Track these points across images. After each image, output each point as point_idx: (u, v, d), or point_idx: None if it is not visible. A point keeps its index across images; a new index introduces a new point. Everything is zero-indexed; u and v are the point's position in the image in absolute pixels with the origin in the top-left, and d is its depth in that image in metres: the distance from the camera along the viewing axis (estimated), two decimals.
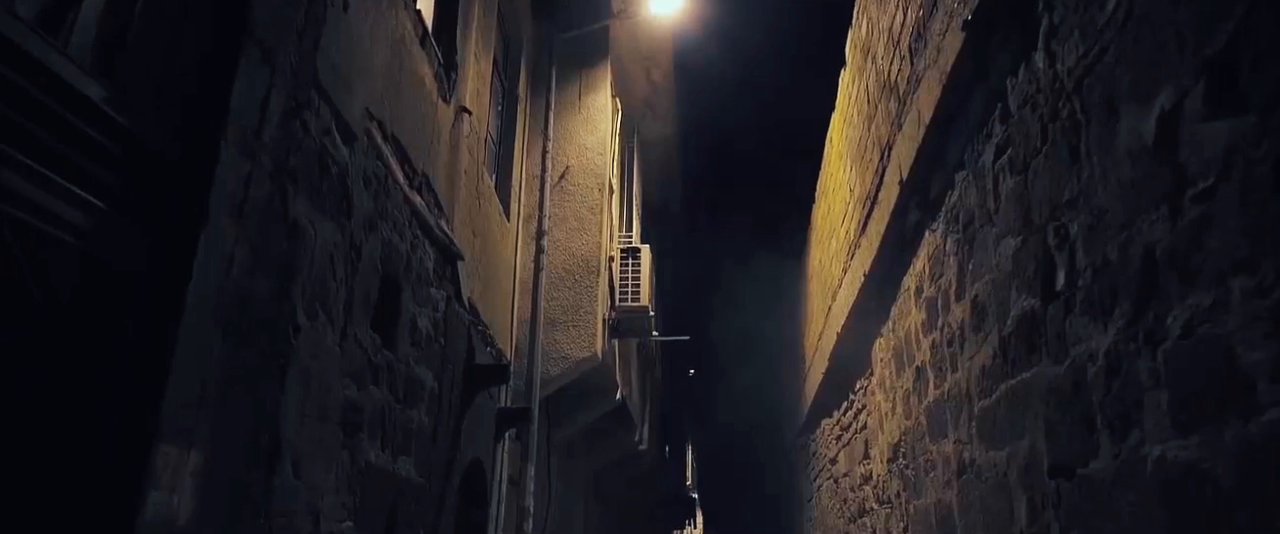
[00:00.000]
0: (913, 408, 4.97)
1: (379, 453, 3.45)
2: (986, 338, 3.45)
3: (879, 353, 6.10)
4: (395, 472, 3.67)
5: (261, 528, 2.49)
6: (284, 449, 2.62)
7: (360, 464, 3.24)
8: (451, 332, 4.59)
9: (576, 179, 7.27)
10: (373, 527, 3.39)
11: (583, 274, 7.04)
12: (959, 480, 3.93)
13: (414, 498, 3.93)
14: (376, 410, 3.42)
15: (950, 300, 4.01)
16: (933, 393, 4.41)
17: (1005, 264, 3.19)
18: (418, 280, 3.97)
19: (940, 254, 4.23)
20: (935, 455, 4.38)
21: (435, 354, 4.27)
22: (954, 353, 3.97)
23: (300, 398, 2.75)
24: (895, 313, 5.45)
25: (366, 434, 3.31)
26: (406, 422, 3.82)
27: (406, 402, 3.82)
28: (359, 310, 3.25)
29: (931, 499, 4.49)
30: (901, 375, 5.30)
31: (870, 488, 6.69)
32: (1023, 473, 3.04)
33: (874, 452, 6.48)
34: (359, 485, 3.23)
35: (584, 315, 6.93)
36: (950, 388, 4.04)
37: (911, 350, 4.95)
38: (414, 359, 3.93)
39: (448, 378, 4.52)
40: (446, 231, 4.39)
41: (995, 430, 3.36)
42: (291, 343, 2.67)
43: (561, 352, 6.85)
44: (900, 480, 5.43)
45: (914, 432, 4.95)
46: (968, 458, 3.76)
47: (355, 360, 3.21)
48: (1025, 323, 2.98)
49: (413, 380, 3.91)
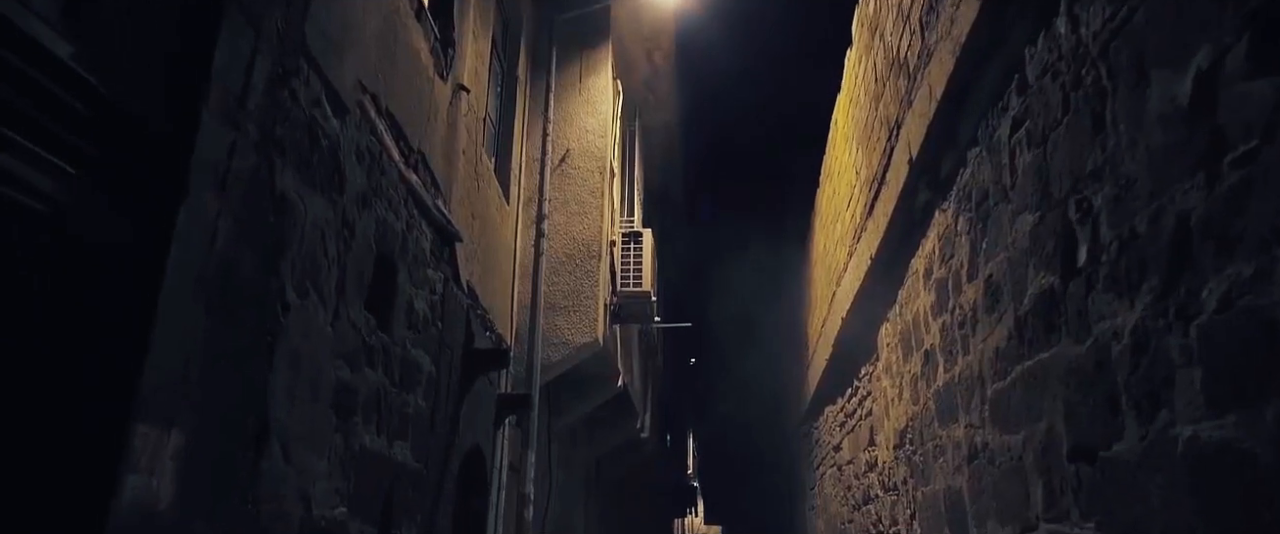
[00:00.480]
0: (921, 393, 4.86)
1: (374, 437, 3.35)
2: (1001, 318, 3.34)
3: (885, 338, 6.00)
4: (391, 457, 3.57)
5: (248, 513, 2.39)
6: (272, 431, 2.51)
7: (354, 448, 3.14)
8: (449, 315, 4.48)
9: (577, 162, 7.15)
10: (368, 513, 3.29)
11: (584, 258, 6.93)
12: (970, 466, 3.83)
13: (411, 484, 3.83)
14: (371, 393, 3.32)
15: (962, 281, 3.89)
16: (942, 377, 4.30)
17: (1022, 241, 3.07)
18: (414, 261, 3.86)
19: (951, 234, 4.11)
20: (945, 440, 4.28)
21: (432, 338, 4.17)
22: (965, 335, 3.86)
23: (290, 378, 2.64)
24: (902, 296, 5.34)
25: (361, 418, 3.21)
26: (403, 406, 3.72)
27: (403, 385, 3.72)
28: (352, 290, 3.14)
29: (941, 485, 4.39)
30: (909, 360, 5.20)
31: (875, 475, 6.60)
32: (1039, 456, 2.93)
33: (880, 438, 6.38)
34: (353, 470, 3.13)
35: (585, 300, 6.82)
36: (961, 371, 3.94)
37: (920, 334, 4.84)
38: (410, 342, 3.82)
39: (446, 362, 4.41)
40: (444, 212, 4.27)
41: (1010, 414, 3.26)
42: (280, 321, 2.56)
43: (562, 337, 6.75)
44: (907, 467, 5.33)
45: (922, 417, 4.85)
46: (980, 442, 3.66)
47: (348, 341, 3.11)
48: (1044, 301, 2.87)
49: (409, 364, 3.81)
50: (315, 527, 2.81)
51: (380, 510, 3.43)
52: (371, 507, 3.34)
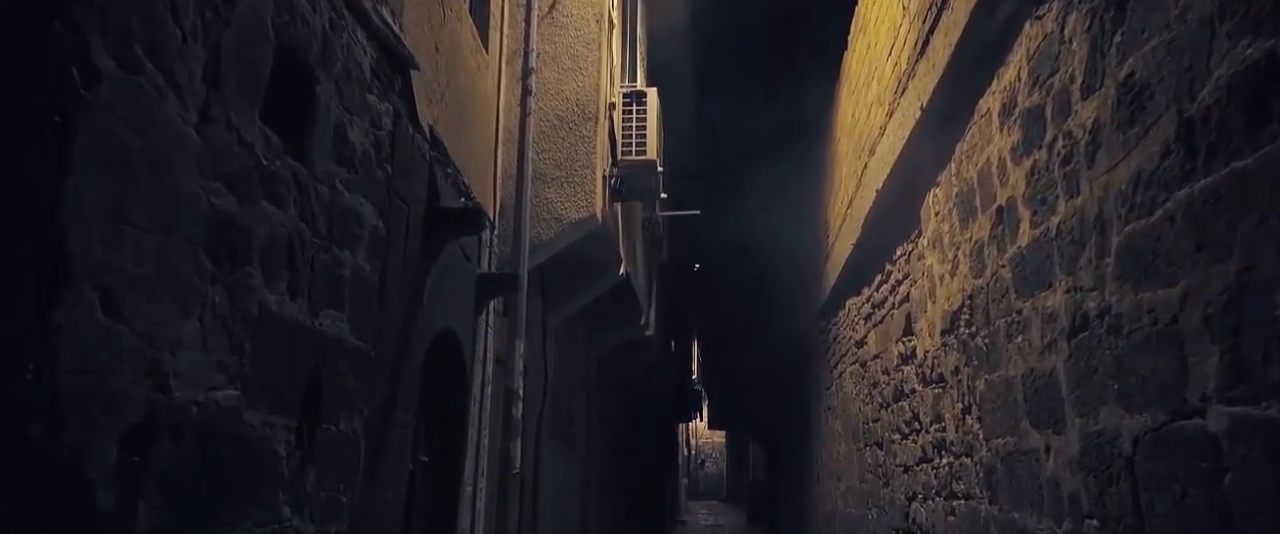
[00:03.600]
0: (988, 262, 3.97)
1: (285, 299, 2.47)
2: (1148, 132, 2.39)
3: (933, 206, 5.07)
4: (317, 329, 2.70)
5: (32, 393, 1.52)
6: (76, 268, 1.63)
7: (248, 310, 2.26)
8: (404, 160, 3.55)
9: (570, 9, 6.09)
10: (277, 399, 2.44)
11: (578, 122, 5.95)
12: (1071, 341, 2.96)
13: (351, 366, 2.99)
14: (277, 238, 2.42)
15: (1072, 100, 2.94)
16: (1028, 234, 3.39)
17: (1203, 5, 2.11)
18: (345, 77, 2.91)
19: (1051, 46, 3.14)
20: (1028, 314, 3.40)
21: (377, 184, 3.25)
22: (1073, 172, 2.93)
23: (113, 191, 1.74)
24: (962, 150, 4.39)
25: (259, 270, 2.32)
26: (335, 265, 2.84)
27: (333, 238, 2.82)
28: (234, 87, 2.20)
29: (1018, 369, 3.54)
30: (969, 226, 4.29)
31: (912, 367, 5.78)
32: (1220, 312, 2.04)
33: (920, 325, 5.53)
34: (248, 340, 2.25)
35: (580, 170, 5.88)
36: (1064, 221, 3.02)
37: (989, 189, 3.91)
38: (344, 183, 2.90)
39: (400, 219, 3.51)
40: (390, 25, 3.29)
41: (1156, 261, 2.35)
42: (81, 95, 1.63)
43: (555, 212, 5.83)
44: (961, 353, 4.49)
45: (989, 290, 3.97)
46: (1093, 308, 2.77)
47: (232, 158, 2.19)
48: (1246, 83, 1.93)
49: (343, 210, 2.90)
50: (181, 414, 1.96)
51: (302, 397, 2.58)
52: (284, 391, 2.49)
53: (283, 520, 2.45)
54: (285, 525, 2.47)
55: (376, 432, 3.30)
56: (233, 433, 2.17)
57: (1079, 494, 2.91)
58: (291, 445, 2.50)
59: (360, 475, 3.08)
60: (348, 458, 2.97)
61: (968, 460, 4.47)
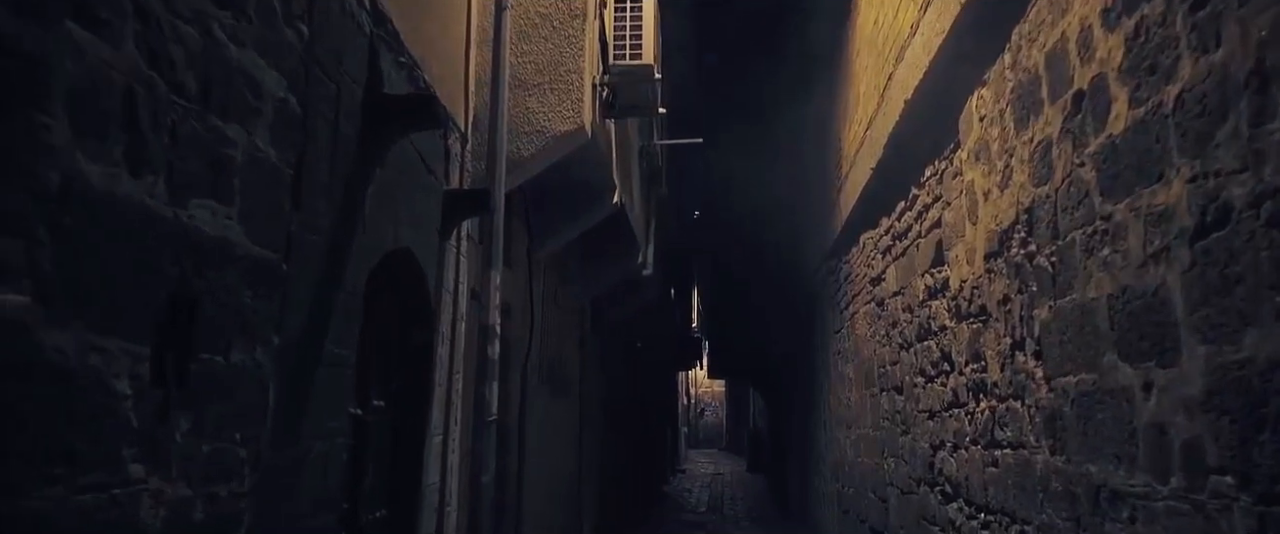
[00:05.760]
0: (1058, 163, 3.24)
1: (120, 174, 1.74)
2: None
3: (978, 110, 4.32)
4: (186, 223, 1.98)
5: None
6: None
7: (47, 181, 1.54)
8: (329, 26, 2.79)
9: None
10: (114, 315, 1.73)
11: (564, 19, 5.15)
12: (1195, 245, 2.24)
13: (247, 281, 2.27)
14: (99, 83, 1.69)
15: None
16: (1127, 117, 2.65)
17: None
18: None
19: None
20: (1122, 217, 2.68)
21: (290, 46, 2.50)
22: (1210, 16, 2.18)
23: None
24: (1022, 33, 3.63)
25: (66, 122, 1.58)
26: (213, 138, 2.10)
27: (210, 104, 2.08)
28: None
29: (1103, 290, 2.83)
30: (1029, 125, 3.55)
31: (943, 301, 5.08)
32: None
33: (954, 253, 4.82)
34: (44, 222, 1.53)
35: (566, 75, 5.10)
36: (1188, 88, 2.28)
37: (1063, 72, 3.16)
38: (227, 31, 2.15)
39: (325, 99, 2.77)
40: None
41: None
42: None
43: (537, 124, 5.07)
44: (1013, 279, 3.78)
45: (1058, 199, 3.24)
46: (1239, 197, 2.05)
47: None
48: None
49: (227, 68, 2.16)
50: None
51: (155, 316, 1.87)
52: (125, 306, 1.78)
53: (129, 482, 1.77)
54: (135, 488, 1.79)
55: (296, 369, 2.60)
56: (22, 360, 1.47)
57: (1202, 443, 2.22)
58: (143, 381, 1.80)
59: (268, 423, 2.40)
60: (247, 400, 2.28)
61: (1016, 404, 3.80)
